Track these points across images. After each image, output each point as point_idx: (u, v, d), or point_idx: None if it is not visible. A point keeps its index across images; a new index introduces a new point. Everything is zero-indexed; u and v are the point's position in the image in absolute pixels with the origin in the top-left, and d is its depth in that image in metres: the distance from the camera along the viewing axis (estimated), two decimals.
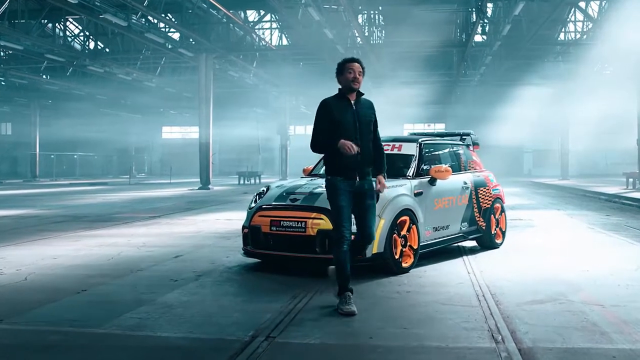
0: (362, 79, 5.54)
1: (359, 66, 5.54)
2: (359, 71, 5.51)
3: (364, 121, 5.53)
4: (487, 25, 27.22)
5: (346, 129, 5.43)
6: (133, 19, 23.52)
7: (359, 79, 5.50)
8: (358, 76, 5.49)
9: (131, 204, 19.14)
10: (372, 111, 5.63)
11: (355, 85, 5.49)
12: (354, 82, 5.48)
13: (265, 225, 7.06)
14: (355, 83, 5.48)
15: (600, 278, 6.61)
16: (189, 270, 7.32)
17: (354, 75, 5.48)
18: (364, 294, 5.94)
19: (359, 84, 5.52)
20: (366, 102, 5.63)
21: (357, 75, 5.48)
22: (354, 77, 5.47)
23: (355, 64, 5.53)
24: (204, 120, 28.88)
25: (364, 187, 5.50)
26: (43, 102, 44.66)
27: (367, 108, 5.60)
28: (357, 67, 5.53)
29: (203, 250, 9.04)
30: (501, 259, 8.00)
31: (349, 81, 5.48)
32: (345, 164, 5.41)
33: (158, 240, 10.20)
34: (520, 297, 5.72)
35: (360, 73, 5.52)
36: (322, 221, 6.71)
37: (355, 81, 5.48)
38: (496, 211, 9.03)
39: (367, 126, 5.54)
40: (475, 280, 6.53)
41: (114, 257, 8.40)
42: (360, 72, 5.52)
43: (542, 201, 19.52)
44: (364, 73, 5.60)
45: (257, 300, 5.78)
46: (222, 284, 6.51)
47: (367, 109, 5.59)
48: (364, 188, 5.50)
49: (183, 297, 5.87)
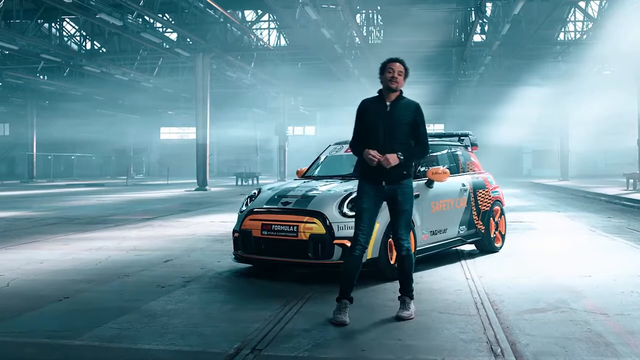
0: (402, 79, 5.32)
1: (400, 66, 5.33)
2: (399, 71, 5.30)
3: (398, 124, 5.25)
4: (487, 25, 27.00)
5: (375, 132, 5.27)
6: (129, 19, 23.27)
7: (397, 79, 5.28)
8: (397, 76, 5.28)
9: (126, 205, 18.89)
10: (411, 113, 5.29)
11: (392, 85, 5.28)
12: (392, 81, 5.28)
13: (256, 230, 6.82)
14: (392, 83, 5.27)
15: (603, 284, 6.36)
16: (177, 275, 7.08)
17: (393, 74, 5.28)
18: (357, 302, 5.68)
19: (397, 84, 5.29)
20: (406, 104, 5.34)
21: (395, 75, 5.28)
22: (392, 77, 5.27)
23: (396, 64, 5.33)
24: (201, 121, 28.63)
25: (395, 192, 5.26)
26: (40, 103, 44.40)
27: (406, 110, 5.30)
28: (398, 66, 5.32)
29: (194, 254, 8.80)
30: (501, 264, 7.76)
31: (387, 80, 5.29)
32: (370, 168, 5.23)
33: (149, 243, 9.96)
34: (521, 305, 5.48)
35: (400, 73, 5.31)
36: (315, 225, 6.47)
37: (392, 81, 5.27)
38: (495, 214, 8.78)
39: (401, 129, 5.25)
40: (473, 287, 6.29)
41: (102, 261, 8.16)
42: (400, 72, 5.31)
43: (542, 203, 19.29)
44: (407, 74, 5.38)
45: (246, 308, 5.54)
46: (211, 291, 6.26)
47: (405, 111, 5.30)
48: (395, 194, 5.26)
49: (169, 305, 5.63)
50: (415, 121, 5.28)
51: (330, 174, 7.98)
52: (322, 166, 8.33)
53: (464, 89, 38.63)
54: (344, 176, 7.73)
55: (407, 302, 5.21)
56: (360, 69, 32.32)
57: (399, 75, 5.28)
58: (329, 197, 6.71)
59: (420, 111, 5.34)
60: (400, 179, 5.25)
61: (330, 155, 8.35)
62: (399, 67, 5.30)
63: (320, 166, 8.34)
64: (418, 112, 5.31)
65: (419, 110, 5.32)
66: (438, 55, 32.13)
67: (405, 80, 5.35)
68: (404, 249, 5.27)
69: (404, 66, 5.34)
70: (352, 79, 34.63)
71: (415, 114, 5.29)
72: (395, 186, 5.24)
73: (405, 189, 5.27)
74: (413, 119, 5.28)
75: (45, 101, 44.35)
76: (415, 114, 5.29)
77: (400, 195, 5.25)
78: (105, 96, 41.83)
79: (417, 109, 5.32)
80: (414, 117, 5.28)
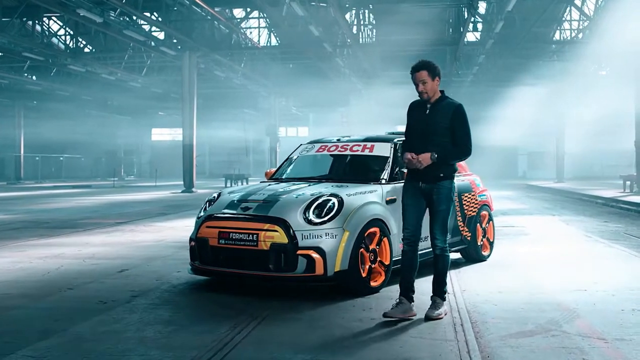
0: (431, 85, 5.17)
1: (422, 74, 5.17)
2: (422, 80, 5.16)
3: (436, 127, 5.16)
4: (480, 23, 26.35)
5: (414, 134, 5.31)
6: (111, 16, 22.54)
7: (425, 88, 5.17)
8: (422, 87, 5.18)
9: (103, 208, 18.13)
10: (448, 117, 5.15)
11: (424, 97, 5.23)
12: (421, 95, 5.23)
13: (212, 238, 6.10)
14: (423, 95, 5.22)
15: (600, 301, 5.65)
16: (127, 289, 6.35)
17: (419, 89, 5.21)
18: (318, 322, 4.98)
19: (427, 94, 5.20)
20: (444, 107, 5.20)
21: (421, 89, 5.19)
22: (420, 91, 5.21)
23: (417, 74, 5.19)
24: (188, 121, 27.88)
25: (431, 192, 5.22)
26: (27, 103, 43.54)
27: (443, 113, 5.17)
28: (420, 75, 5.18)
29: (155, 263, 8.07)
30: (487, 275, 7.04)
31: (418, 94, 5.25)
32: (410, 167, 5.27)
33: (111, 250, 9.22)
34: (506, 328, 4.77)
35: (424, 82, 5.16)
36: (277, 233, 5.75)
37: (422, 94, 5.22)
38: (483, 219, 8.06)
39: (438, 132, 5.15)
40: (454, 304, 5.56)
41: (50, 271, 7.42)
42: (423, 81, 5.16)
43: (536, 206, 18.57)
44: (435, 73, 5.19)
45: (190, 330, 4.81)
46: (157, 308, 5.53)
47: (443, 113, 5.17)
48: (431, 192, 5.22)
49: (101, 327, 4.90)
50: (453, 124, 5.16)
51: (301, 176, 7.27)
52: (293, 167, 7.60)
53: (457, 88, 37.85)
54: (315, 178, 7.02)
55: (437, 303, 5.15)
56: (351, 67, 31.63)
57: (425, 84, 5.16)
58: (293, 202, 5.99)
59: (460, 113, 5.19)
60: (437, 180, 5.20)
61: (302, 156, 7.61)
62: (420, 75, 5.16)
63: (290, 167, 7.61)
64: (456, 114, 5.16)
65: (458, 112, 5.17)
66: (431, 55, 31.23)
67: (436, 78, 5.19)
68: (437, 249, 5.26)
69: (427, 69, 5.17)
70: (343, 78, 33.93)
71: (453, 117, 5.15)
72: (432, 185, 5.20)
73: (442, 190, 5.21)
74: (451, 121, 5.15)
75: (33, 101, 43.49)
76: (454, 116, 5.16)
77: (436, 195, 5.21)
78: (93, 96, 41.02)
79: (456, 111, 5.18)
80: (452, 119, 5.15)
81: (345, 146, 7.18)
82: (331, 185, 6.44)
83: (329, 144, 7.35)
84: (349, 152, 7.12)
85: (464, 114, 5.20)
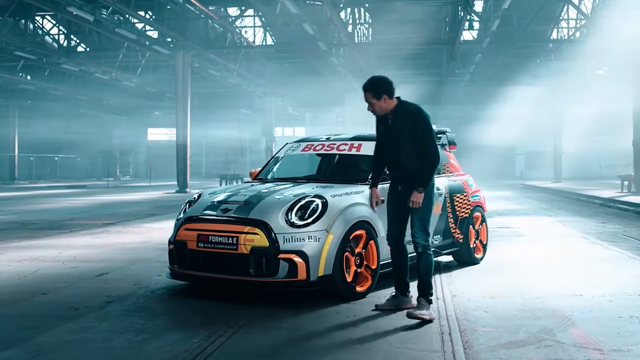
0: (378, 104, 5.22)
1: (367, 95, 5.25)
2: (369, 101, 5.25)
3: (401, 136, 5.19)
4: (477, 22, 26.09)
5: (385, 147, 5.41)
6: (103, 14, 22.24)
7: (373, 108, 5.28)
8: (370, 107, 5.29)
9: (94, 209, 17.84)
10: (410, 121, 5.15)
11: (376, 113, 5.34)
12: (373, 112, 5.35)
13: (191, 241, 5.82)
14: (374, 113, 5.34)
15: (597, 307, 5.38)
16: (102, 294, 6.07)
17: (369, 108, 5.32)
18: (298, 330, 4.71)
19: (378, 110, 5.28)
20: (404, 114, 5.21)
21: (370, 108, 5.31)
22: (371, 110, 5.34)
23: (365, 95, 5.28)
24: (182, 120, 27.59)
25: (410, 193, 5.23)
26: (22, 103, 43.21)
27: (405, 119, 5.19)
28: (366, 97, 5.26)
29: (137, 266, 7.80)
30: (480, 279, 6.77)
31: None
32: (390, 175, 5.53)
33: (93, 253, 8.94)
34: (497, 337, 4.49)
35: (370, 102, 5.24)
36: (257, 236, 5.47)
37: (373, 112, 5.34)
38: (475, 221, 7.78)
39: (405, 140, 5.17)
40: (443, 311, 5.29)
41: (27, 275, 7.14)
42: (370, 102, 5.24)
43: (533, 206, 18.30)
44: (379, 95, 5.19)
45: (162, 339, 4.53)
46: (130, 315, 5.25)
47: (404, 120, 5.19)
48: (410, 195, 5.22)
49: (68, 335, 4.62)
50: (416, 129, 5.11)
51: (287, 176, 7.00)
52: (278, 167, 7.32)
53: (454, 88, 37.66)
54: (300, 179, 6.75)
55: (422, 304, 5.05)
56: (347, 67, 31.36)
57: (372, 105, 5.23)
58: (275, 204, 5.71)
59: (420, 115, 5.14)
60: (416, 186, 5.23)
61: (287, 155, 7.32)
62: (367, 97, 5.23)
63: (275, 167, 7.33)
64: (416, 117, 5.12)
65: (417, 115, 5.13)
66: (428, 54, 31.17)
67: (382, 97, 5.18)
68: (419, 246, 5.20)
69: (371, 91, 5.20)
70: (340, 78, 33.64)
71: (414, 121, 5.12)
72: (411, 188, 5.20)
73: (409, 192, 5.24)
74: (413, 126, 5.12)
75: (27, 101, 43.15)
76: (414, 120, 5.12)
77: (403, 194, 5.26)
78: (88, 96, 40.67)
79: (415, 114, 5.15)
80: (413, 124, 5.12)
81: (332, 145, 6.90)
82: (316, 185, 6.17)
83: (315, 143, 7.07)
84: (335, 151, 6.85)
85: (424, 116, 5.15)
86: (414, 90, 33.24)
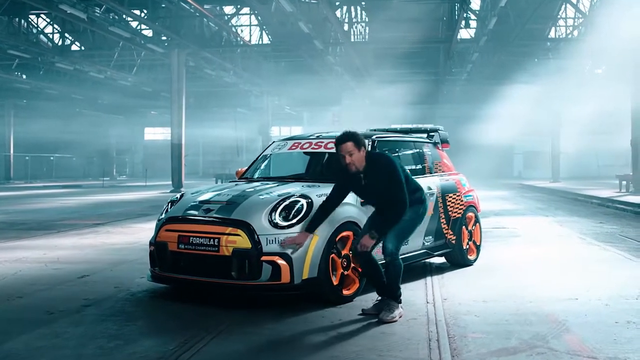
0: (357, 155, 4.92)
1: (348, 145, 4.91)
2: (348, 152, 4.91)
3: (375, 191, 5.06)
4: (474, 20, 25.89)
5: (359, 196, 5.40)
6: (96, 12, 22.01)
7: (352, 159, 4.92)
8: (350, 160, 4.92)
9: (86, 209, 17.62)
10: (383, 176, 4.95)
11: (351, 169, 4.96)
12: (349, 167, 4.96)
13: (172, 242, 5.60)
14: (351, 167, 4.95)
15: (592, 311, 5.17)
16: (80, 297, 5.86)
17: (346, 160, 4.93)
18: (280, 336, 4.49)
19: (355, 166, 4.95)
20: (376, 169, 4.99)
21: (348, 161, 4.92)
22: (347, 163, 4.94)
23: (343, 146, 4.92)
24: (176, 119, 27.41)
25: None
26: (17, 102, 42.97)
27: (377, 174, 4.99)
28: (346, 147, 4.91)
29: (120, 267, 7.59)
30: (472, 282, 6.56)
31: (344, 167, 4.97)
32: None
33: (78, 254, 8.72)
34: (487, 343, 4.28)
35: (350, 154, 4.90)
36: (239, 238, 5.26)
37: (349, 166, 4.95)
38: (469, 222, 7.56)
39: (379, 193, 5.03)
40: (433, 315, 5.07)
41: (7, 277, 6.93)
42: (350, 153, 4.90)
43: (530, 206, 18.09)
44: (361, 144, 4.94)
45: (136, 345, 4.32)
46: (106, 320, 5.03)
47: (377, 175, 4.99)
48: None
49: (39, 341, 4.41)
50: (388, 178, 4.94)
51: (273, 175, 6.79)
52: (265, 166, 7.10)
53: (452, 87, 37.45)
54: (287, 178, 6.53)
55: (391, 305, 4.91)
56: (344, 65, 31.14)
57: (351, 156, 4.90)
58: (258, 204, 5.49)
59: (390, 167, 4.95)
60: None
61: (274, 154, 7.10)
62: (346, 147, 4.90)
63: (262, 166, 7.11)
64: (386, 170, 4.94)
65: (387, 167, 4.95)
66: (425, 52, 30.97)
67: (362, 149, 4.94)
68: (386, 256, 5.04)
69: (353, 140, 4.91)
70: (336, 77, 33.43)
71: (386, 174, 4.94)
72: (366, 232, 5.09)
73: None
74: (385, 179, 4.94)
75: (23, 100, 42.91)
76: (385, 173, 4.94)
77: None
78: (83, 95, 40.40)
79: (386, 167, 4.97)
80: (386, 177, 4.94)
81: (319, 143, 6.67)
82: (302, 185, 5.96)
83: (302, 141, 6.85)
84: (323, 149, 6.62)
85: (391, 166, 4.96)
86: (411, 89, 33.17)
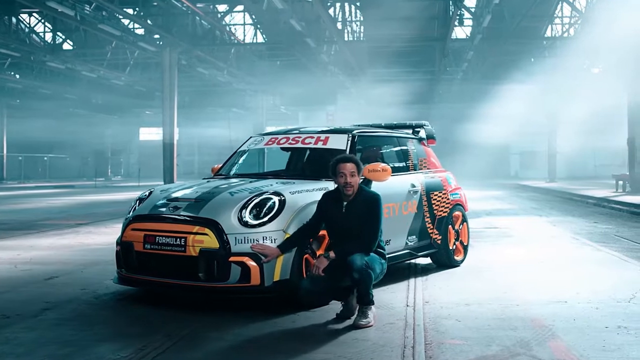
0: (356, 180, 4.81)
1: (351, 166, 4.80)
2: (351, 172, 4.79)
3: (352, 225, 4.80)
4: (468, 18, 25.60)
5: (332, 232, 4.99)
6: (86, 10, 21.68)
7: (351, 182, 4.78)
8: (350, 180, 4.77)
9: (73, 209, 17.30)
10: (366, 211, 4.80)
11: (348, 191, 4.81)
12: (346, 187, 4.80)
13: (138, 242, 5.30)
14: (347, 189, 4.80)
15: (581, 315, 4.87)
16: (42, 299, 5.55)
17: (346, 179, 4.78)
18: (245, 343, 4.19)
19: (352, 189, 4.81)
20: (362, 203, 4.81)
21: (348, 180, 4.77)
22: (345, 182, 4.78)
23: (346, 165, 4.79)
24: (168, 119, 27.10)
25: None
26: (10, 102, 42.58)
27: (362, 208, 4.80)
28: (349, 167, 4.79)
29: (92, 269, 7.28)
30: (457, 284, 6.25)
31: (341, 186, 4.82)
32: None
33: (53, 254, 8.42)
34: (465, 351, 3.98)
35: (353, 174, 4.79)
36: (207, 237, 4.96)
37: (347, 187, 4.79)
38: (455, 221, 7.26)
39: (356, 229, 4.79)
40: (411, 320, 4.77)
41: None
42: (353, 173, 4.79)
43: (524, 206, 17.79)
44: (360, 169, 4.87)
45: (88, 352, 4.01)
46: (63, 324, 4.72)
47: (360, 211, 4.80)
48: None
49: None
50: (368, 217, 4.78)
51: (250, 172, 6.49)
52: (242, 162, 6.79)
53: (447, 86, 37.10)
54: (264, 175, 6.23)
55: (364, 309, 4.64)
56: (338, 64, 30.85)
57: (352, 177, 4.78)
58: (227, 201, 5.19)
59: (376, 207, 4.82)
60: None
61: (250, 149, 6.79)
62: (350, 167, 4.79)
63: (238, 162, 6.80)
64: (373, 208, 4.81)
65: (374, 206, 4.82)
66: (420, 51, 30.64)
67: (360, 175, 4.87)
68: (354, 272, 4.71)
69: (355, 163, 4.83)
70: (331, 76, 33.11)
71: (370, 210, 4.80)
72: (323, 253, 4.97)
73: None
74: (367, 215, 4.79)
75: (16, 100, 42.53)
76: (370, 210, 4.80)
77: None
78: (76, 95, 40.03)
79: (373, 205, 4.82)
80: (368, 213, 4.79)
81: (297, 138, 6.36)
82: (276, 182, 5.65)
83: (279, 136, 6.53)
84: (300, 144, 6.31)
85: (378, 209, 4.82)
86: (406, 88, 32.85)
